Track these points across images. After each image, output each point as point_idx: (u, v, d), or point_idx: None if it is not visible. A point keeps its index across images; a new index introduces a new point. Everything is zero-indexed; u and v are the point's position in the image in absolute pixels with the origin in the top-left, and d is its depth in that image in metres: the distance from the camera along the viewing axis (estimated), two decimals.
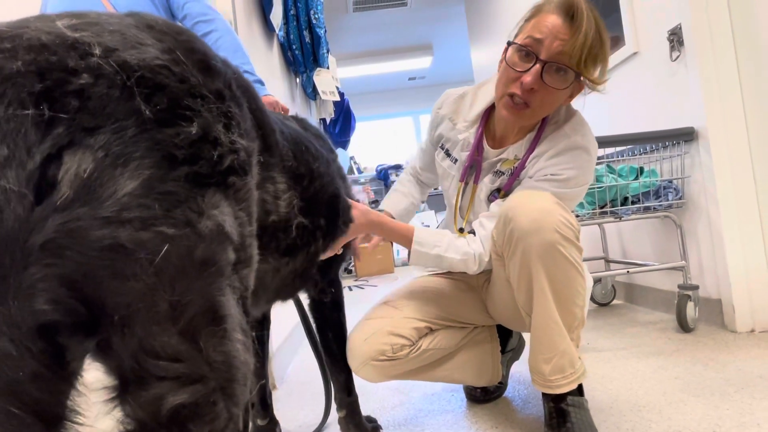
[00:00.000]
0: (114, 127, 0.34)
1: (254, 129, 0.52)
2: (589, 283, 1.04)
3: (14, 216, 0.31)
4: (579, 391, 0.96)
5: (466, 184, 1.09)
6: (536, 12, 0.91)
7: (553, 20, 0.87)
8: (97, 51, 0.35)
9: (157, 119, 0.36)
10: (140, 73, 0.36)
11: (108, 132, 0.34)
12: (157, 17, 0.44)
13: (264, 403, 1.09)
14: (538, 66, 0.87)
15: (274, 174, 0.64)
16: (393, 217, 1.19)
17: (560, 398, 0.93)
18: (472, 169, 1.07)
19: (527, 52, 0.89)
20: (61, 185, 0.33)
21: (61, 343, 0.35)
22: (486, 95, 1.06)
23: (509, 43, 0.93)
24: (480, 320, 1.15)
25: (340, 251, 0.96)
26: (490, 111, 1.06)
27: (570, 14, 0.86)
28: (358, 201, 1.00)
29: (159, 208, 0.35)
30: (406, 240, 1.02)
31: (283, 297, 0.93)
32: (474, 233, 1.02)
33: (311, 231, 0.79)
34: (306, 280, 0.91)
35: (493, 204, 1.03)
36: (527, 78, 0.88)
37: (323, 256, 0.90)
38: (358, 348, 1.02)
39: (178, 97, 0.38)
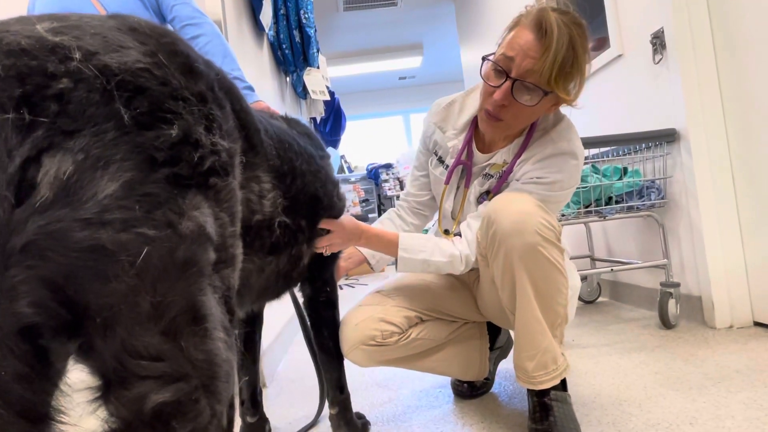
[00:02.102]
0: (94, 130, 0.35)
1: (237, 130, 0.52)
2: (576, 283, 1.06)
3: None
4: (562, 385, 0.98)
5: (458, 188, 1.10)
6: (515, 24, 0.92)
7: (526, 36, 0.87)
8: (77, 55, 0.35)
9: (137, 122, 0.37)
10: (121, 77, 0.37)
11: (88, 135, 0.34)
12: (140, 19, 0.44)
13: (254, 400, 1.10)
14: (507, 83, 0.89)
15: (259, 173, 0.65)
16: (366, 258, 1.17)
17: (544, 393, 0.95)
18: (463, 174, 1.09)
19: (499, 69, 0.90)
20: (40, 187, 0.33)
21: (43, 345, 0.36)
22: (474, 102, 1.07)
23: (484, 59, 0.94)
24: (470, 316, 1.17)
25: (327, 253, 0.96)
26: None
27: (541, 31, 0.85)
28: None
29: (140, 209, 0.36)
30: (392, 246, 1.02)
31: (268, 297, 0.94)
32: (460, 235, 1.04)
33: (294, 230, 0.80)
34: (290, 280, 0.91)
35: (481, 206, 1.05)
36: (497, 95, 0.90)
37: (315, 249, 0.91)
38: (349, 332, 1.03)
39: (159, 100, 0.39)
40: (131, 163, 0.36)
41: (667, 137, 1.63)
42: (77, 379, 0.40)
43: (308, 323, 1.06)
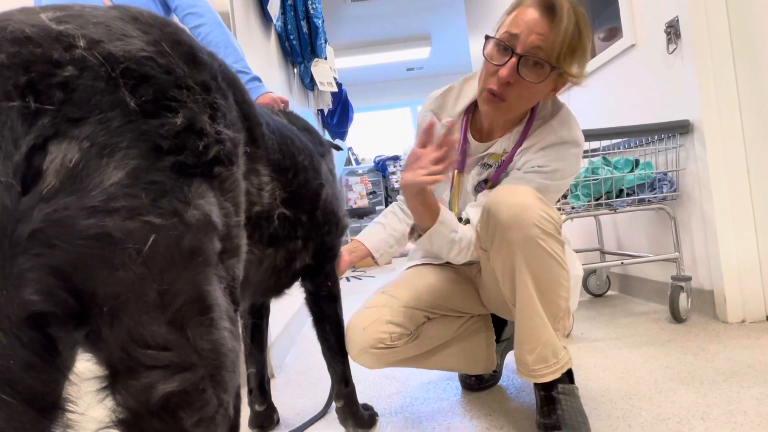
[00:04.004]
0: (99, 118, 0.34)
1: (240, 120, 0.52)
2: (579, 272, 1.04)
3: (1, 206, 0.32)
4: (570, 378, 0.97)
5: (452, 177, 1.09)
6: (516, 5, 0.91)
7: (531, 14, 0.87)
8: (82, 43, 0.35)
9: (143, 110, 0.37)
10: (125, 65, 0.37)
11: (93, 123, 0.34)
12: (142, 9, 0.44)
13: (262, 389, 1.11)
14: (513, 59, 0.88)
15: (259, 166, 0.65)
16: (370, 252, 1.16)
17: (551, 386, 0.94)
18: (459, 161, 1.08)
19: (504, 46, 0.89)
20: (46, 175, 0.33)
21: (51, 334, 0.36)
22: (471, 89, 1.06)
23: (487, 38, 0.93)
24: (475, 309, 1.16)
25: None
26: (476, 105, 1.06)
27: (548, 8, 0.86)
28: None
29: (146, 197, 0.35)
30: (433, 213, 0.94)
31: (267, 293, 0.93)
32: (468, 222, 1.03)
33: (293, 223, 0.80)
34: (287, 276, 0.91)
35: (480, 194, 1.04)
36: (503, 71, 0.89)
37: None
38: (356, 336, 1.03)
39: (163, 88, 0.38)
40: (137, 150, 0.36)
41: (681, 129, 1.60)
42: (84, 368, 0.40)
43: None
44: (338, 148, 1.19)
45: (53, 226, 0.33)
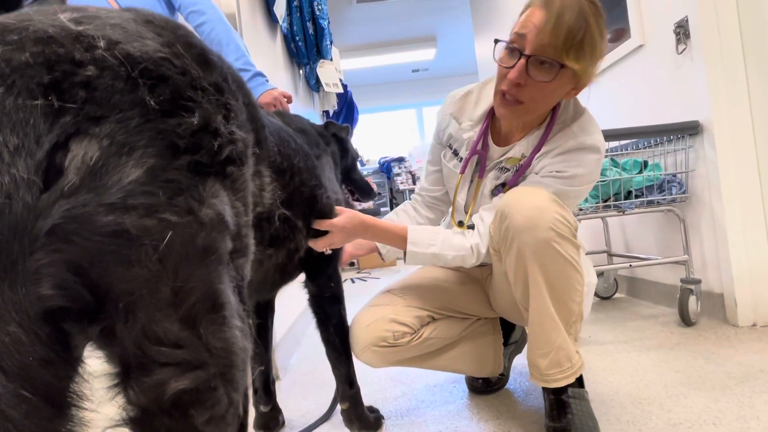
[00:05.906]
0: (119, 116, 0.35)
1: (248, 122, 0.53)
2: (593, 279, 1.03)
3: (23, 203, 0.32)
4: (579, 383, 0.96)
5: (471, 180, 1.08)
6: (526, 7, 0.91)
7: (537, 14, 0.86)
8: (102, 43, 0.36)
9: (161, 110, 0.37)
10: (144, 65, 0.37)
11: (113, 121, 0.35)
12: (154, 13, 0.45)
13: (267, 389, 1.11)
14: (522, 61, 0.87)
15: (262, 168, 0.66)
16: (377, 246, 1.16)
17: (561, 390, 0.94)
18: (477, 165, 1.07)
19: (512, 48, 0.89)
20: (67, 172, 0.33)
21: (66, 330, 0.36)
22: (490, 94, 1.05)
23: (497, 41, 0.92)
24: (482, 312, 1.16)
25: (329, 251, 0.96)
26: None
27: (549, 5, 0.84)
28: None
29: (162, 195, 0.36)
30: (401, 240, 1.01)
31: (266, 292, 0.94)
32: (473, 227, 1.03)
33: (292, 223, 0.81)
34: (287, 275, 0.92)
35: (495, 198, 1.03)
36: (512, 74, 0.88)
37: (314, 246, 0.91)
38: (360, 333, 1.03)
39: (180, 89, 0.39)
40: (154, 149, 0.36)
41: (690, 130, 1.59)
42: (95, 365, 0.40)
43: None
44: (347, 131, 1.19)
45: (72, 222, 0.33)
